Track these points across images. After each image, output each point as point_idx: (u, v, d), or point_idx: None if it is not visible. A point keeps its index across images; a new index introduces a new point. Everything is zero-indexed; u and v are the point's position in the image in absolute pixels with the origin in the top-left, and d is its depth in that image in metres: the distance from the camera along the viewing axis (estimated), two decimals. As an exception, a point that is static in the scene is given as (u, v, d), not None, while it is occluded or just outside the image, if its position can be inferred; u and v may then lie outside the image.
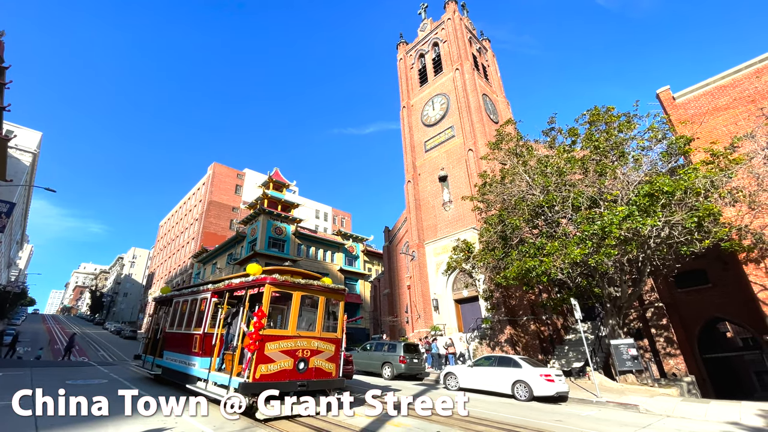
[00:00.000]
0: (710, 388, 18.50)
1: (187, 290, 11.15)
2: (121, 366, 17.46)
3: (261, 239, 37.79)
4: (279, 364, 7.61)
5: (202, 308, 9.56)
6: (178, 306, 11.04)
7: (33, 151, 33.71)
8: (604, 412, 10.36)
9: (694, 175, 12.70)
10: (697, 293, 19.52)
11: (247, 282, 8.31)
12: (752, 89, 15.76)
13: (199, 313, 9.75)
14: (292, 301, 8.22)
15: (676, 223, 12.64)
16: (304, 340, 8.16)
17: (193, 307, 10.12)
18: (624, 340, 14.83)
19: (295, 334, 8.04)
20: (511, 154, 18.40)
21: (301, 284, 8.46)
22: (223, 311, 9.00)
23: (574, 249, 13.11)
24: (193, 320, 9.87)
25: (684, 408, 10.91)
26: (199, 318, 9.73)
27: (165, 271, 68.59)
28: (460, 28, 31.02)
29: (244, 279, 8.47)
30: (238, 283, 8.59)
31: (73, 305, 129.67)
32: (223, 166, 64.70)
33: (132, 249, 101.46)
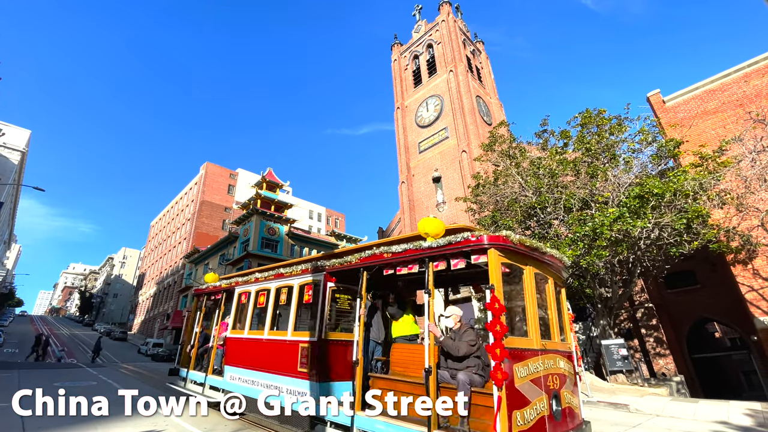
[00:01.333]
0: (699, 388, 18.75)
1: (266, 273, 7.59)
2: (111, 368, 17.25)
3: (254, 240, 37.57)
4: (534, 408, 4.06)
5: (307, 299, 6.23)
6: (250, 298, 7.71)
7: (21, 149, 33.18)
8: (595, 412, 10.45)
9: (684, 177, 12.88)
10: (686, 294, 19.79)
11: (432, 250, 4.63)
12: (740, 93, 16.04)
13: (299, 308, 6.58)
14: (525, 282, 4.69)
15: (665, 225, 12.81)
16: (550, 357, 4.63)
17: (283, 299, 6.88)
18: (615, 341, 14.99)
19: (540, 347, 4.53)
20: (504, 156, 18.52)
21: (538, 253, 4.87)
22: (363, 303, 5.40)
23: (566, 250, 13.21)
24: (291, 318, 6.46)
25: (673, 407, 11.04)
26: (300, 315, 6.64)
27: (156, 272, 67.87)
28: (454, 30, 31.17)
29: (420, 246, 4.76)
30: (404, 252, 4.91)
31: (62, 306, 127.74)
32: (215, 165, 64.24)
33: (122, 249, 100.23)
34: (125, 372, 15.10)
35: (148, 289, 69.50)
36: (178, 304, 49.54)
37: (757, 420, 9.52)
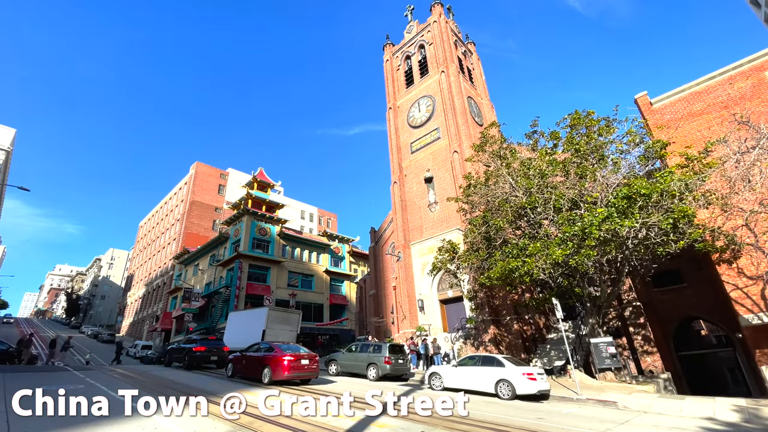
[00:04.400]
0: (686, 385, 19.09)
1: None
2: (99, 371, 16.98)
3: (245, 240, 37.30)
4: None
5: None
6: None
7: (6, 148, 32.50)
8: (584, 409, 10.59)
9: (670, 178, 13.11)
10: (672, 293, 20.14)
11: None
12: (725, 96, 16.38)
13: None
14: None
15: (652, 225, 13.03)
16: None
17: None
18: (603, 339, 15.20)
19: None
20: (495, 157, 18.66)
21: None
22: None
23: (556, 250, 13.37)
24: None
25: (660, 404, 11.23)
26: None
27: (145, 273, 66.97)
28: (445, 31, 31.31)
29: None
30: None
31: (48, 308, 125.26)
32: (205, 165, 63.62)
33: (110, 250, 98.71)
34: (113, 376, 14.88)
35: (136, 290, 68.53)
36: (168, 306, 48.95)
37: (743, 416, 9.73)
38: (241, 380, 13.94)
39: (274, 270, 38.68)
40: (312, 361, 13.32)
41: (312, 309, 40.15)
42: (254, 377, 13.38)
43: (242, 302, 34.17)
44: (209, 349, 18.82)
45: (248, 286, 35.45)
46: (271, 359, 12.90)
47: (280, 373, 12.47)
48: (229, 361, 15.14)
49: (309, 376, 13.43)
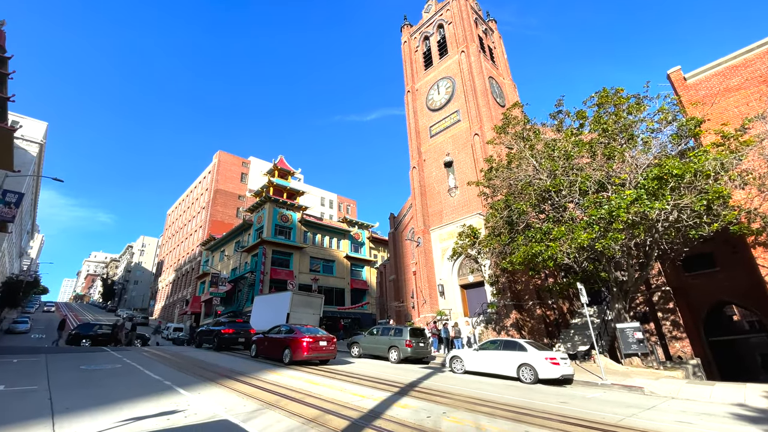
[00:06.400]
0: (716, 371, 18.58)
1: None
2: (134, 351, 17.90)
3: (267, 227, 38.05)
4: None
5: None
6: None
7: (39, 141, 33.93)
8: (609, 394, 10.47)
9: (704, 157, 12.51)
10: (704, 277, 19.43)
11: None
12: (764, 69, 15.34)
13: None
14: None
15: (684, 207, 12.52)
16: None
17: None
18: (630, 324, 14.87)
19: None
20: (518, 138, 18.19)
21: None
22: None
23: (581, 233, 13.05)
24: None
25: (689, 390, 10.98)
26: None
27: (174, 259, 69.52)
28: (465, 9, 30.35)
29: None
30: None
31: (86, 293, 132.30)
32: (228, 154, 64.85)
33: (141, 237, 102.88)
34: (147, 355, 15.65)
35: (167, 275, 71.33)
36: (197, 290, 50.79)
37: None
38: (264, 360, 14.56)
39: (297, 255, 39.42)
40: (330, 343, 13.80)
41: (333, 293, 40.88)
42: (276, 357, 14.01)
43: (267, 287, 35.09)
44: (237, 331, 19.64)
45: (272, 271, 36.35)
46: (291, 341, 13.47)
47: (300, 353, 13.01)
48: (253, 343, 15.88)
49: (327, 356, 13.90)
